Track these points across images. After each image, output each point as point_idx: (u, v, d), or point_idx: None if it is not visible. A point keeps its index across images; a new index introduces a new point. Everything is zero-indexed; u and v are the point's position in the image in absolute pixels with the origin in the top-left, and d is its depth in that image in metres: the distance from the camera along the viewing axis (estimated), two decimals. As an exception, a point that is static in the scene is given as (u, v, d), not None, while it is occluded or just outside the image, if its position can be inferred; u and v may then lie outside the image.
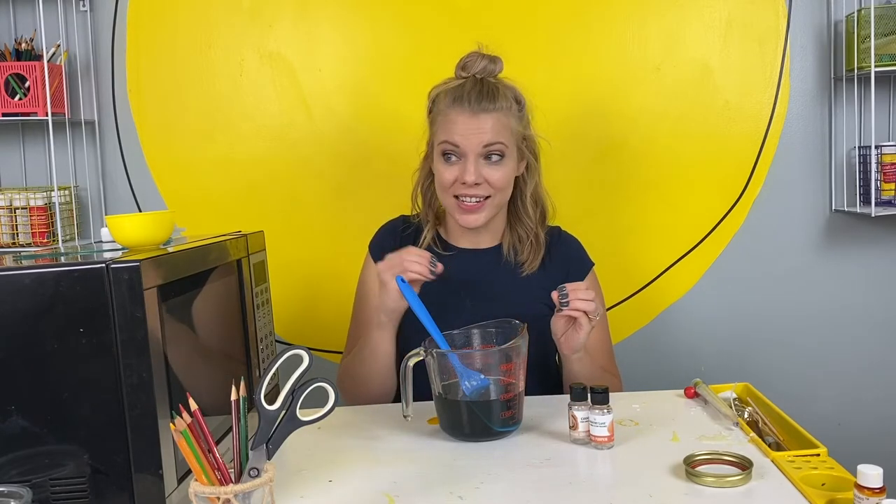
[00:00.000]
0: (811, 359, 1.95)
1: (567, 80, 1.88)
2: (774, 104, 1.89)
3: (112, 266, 0.85)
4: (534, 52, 1.87)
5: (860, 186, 1.85)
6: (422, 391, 1.18)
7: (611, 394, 1.07)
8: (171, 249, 0.99)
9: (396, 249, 1.43)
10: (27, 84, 1.80)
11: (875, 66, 1.73)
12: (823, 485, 0.91)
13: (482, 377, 1.11)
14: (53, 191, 1.84)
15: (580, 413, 1.08)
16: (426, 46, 1.88)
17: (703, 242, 1.93)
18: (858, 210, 1.84)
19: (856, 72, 1.78)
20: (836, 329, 1.94)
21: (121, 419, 0.86)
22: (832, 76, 1.89)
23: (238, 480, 0.81)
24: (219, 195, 1.93)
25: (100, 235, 1.25)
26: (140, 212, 1.93)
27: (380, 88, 1.90)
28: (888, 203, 1.81)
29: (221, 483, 0.80)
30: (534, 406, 1.22)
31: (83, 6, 1.89)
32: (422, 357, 1.14)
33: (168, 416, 0.89)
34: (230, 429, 0.83)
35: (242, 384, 0.82)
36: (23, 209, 1.85)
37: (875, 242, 1.93)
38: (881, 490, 0.81)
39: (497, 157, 1.33)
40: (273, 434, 0.83)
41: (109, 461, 0.86)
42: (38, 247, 1.82)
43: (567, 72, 1.88)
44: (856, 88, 1.85)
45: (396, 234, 1.46)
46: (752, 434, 1.08)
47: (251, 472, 0.81)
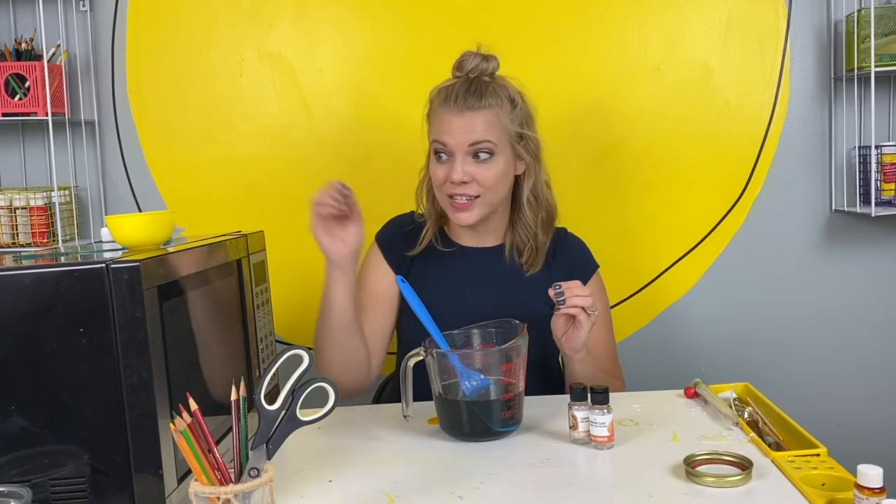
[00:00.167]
0: (811, 359, 1.95)
1: (567, 80, 1.88)
2: (774, 104, 1.89)
3: (112, 266, 0.85)
4: (534, 52, 1.87)
5: (860, 186, 1.85)
6: (422, 391, 1.18)
7: (611, 394, 1.07)
8: (171, 249, 0.99)
9: (401, 244, 1.43)
10: (27, 84, 1.80)
11: (875, 66, 1.73)
12: (823, 485, 0.91)
13: (482, 377, 1.11)
14: (53, 191, 1.84)
15: (580, 413, 1.08)
16: (426, 46, 1.88)
17: (703, 242, 1.93)
18: (858, 210, 1.84)
19: (856, 72, 1.78)
20: (836, 329, 1.94)
21: (121, 419, 0.86)
22: (832, 76, 1.89)
23: (238, 480, 0.81)
24: (219, 195, 1.93)
25: (100, 235, 1.25)
26: (140, 212, 1.93)
27: (380, 88, 1.90)
28: (888, 203, 1.81)
29: (221, 483, 0.80)
30: (534, 406, 1.22)
31: (83, 6, 1.89)
32: (422, 357, 1.15)
33: (168, 416, 0.89)
34: (230, 429, 0.83)
35: (242, 384, 0.82)
36: (23, 209, 1.85)
37: (875, 242, 1.93)
38: (881, 490, 0.81)
39: (486, 156, 1.32)
40: (273, 434, 0.83)
41: (109, 461, 0.86)
42: (38, 247, 1.82)
43: (567, 72, 1.88)
44: (856, 88, 1.85)
45: (402, 230, 1.47)
46: (752, 434, 1.08)
47: (251, 472, 0.81)
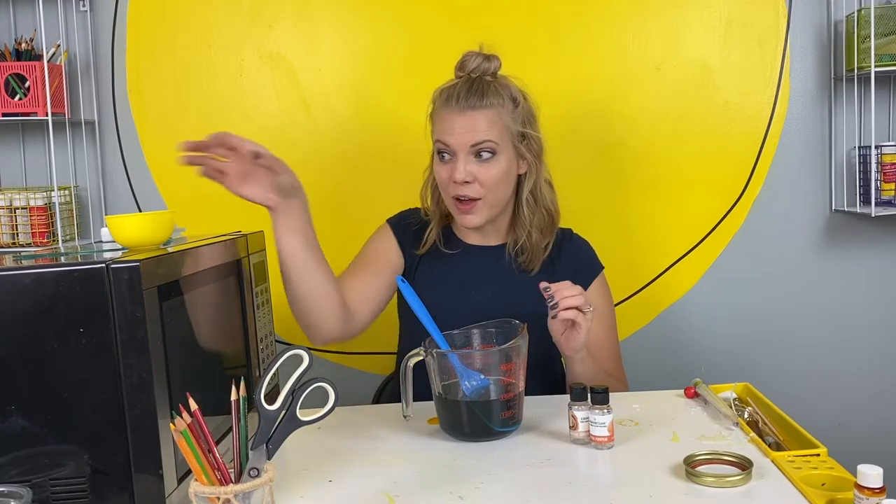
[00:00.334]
0: (811, 359, 1.95)
1: (567, 80, 1.88)
2: (774, 104, 1.89)
3: (112, 266, 0.85)
4: (534, 52, 1.87)
5: (860, 186, 1.85)
6: (422, 391, 1.18)
7: (611, 394, 1.07)
8: (171, 249, 0.99)
9: (411, 237, 1.44)
10: (27, 84, 1.80)
11: (875, 66, 1.73)
12: (823, 485, 0.91)
13: (482, 377, 1.11)
14: (53, 191, 1.84)
15: (580, 413, 1.08)
16: (426, 46, 1.88)
17: (703, 242, 1.93)
18: (858, 210, 1.84)
19: (856, 72, 1.78)
20: (836, 329, 1.94)
21: (121, 419, 0.86)
22: (832, 76, 1.89)
23: (238, 480, 0.81)
24: (219, 195, 1.91)
25: (100, 235, 1.24)
26: (140, 212, 1.93)
27: (380, 88, 1.90)
28: (888, 203, 1.81)
29: (221, 483, 0.80)
30: (534, 406, 1.22)
31: (83, 6, 1.89)
32: (422, 357, 1.15)
33: (168, 416, 0.89)
34: (230, 429, 0.83)
35: (242, 384, 0.82)
36: (23, 209, 1.85)
37: (875, 242, 1.93)
38: (881, 490, 0.81)
39: (488, 155, 1.32)
40: (273, 434, 0.83)
41: (109, 461, 0.86)
42: (38, 247, 1.82)
43: (567, 72, 1.88)
44: (856, 88, 1.85)
45: (411, 228, 1.46)
46: (752, 434, 1.08)
47: (251, 472, 0.81)
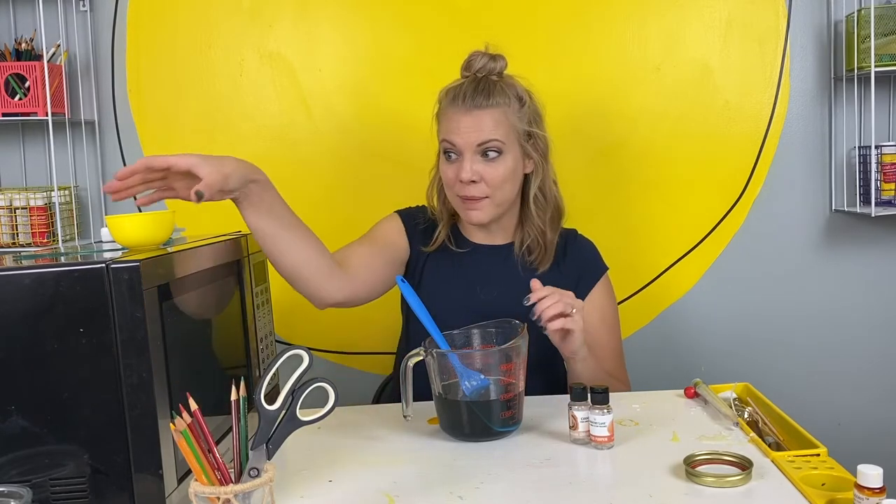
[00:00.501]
0: (811, 359, 1.95)
1: (567, 80, 1.88)
2: (774, 104, 1.89)
3: (112, 266, 0.85)
4: (534, 52, 1.87)
5: (860, 186, 1.85)
6: (422, 391, 1.18)
7: (611, 394, 1.07)
8: (171, 249, 0.99)
9: (420, 233, 1.44)
10: (27, 84, 1.80)
11: (875, 66, 1.73)
12: (823, 485, 0.91)
13: (482, 377, 1.11)
14: (53, 191, 1.84)
15: (580, 413, 1.08)
16: (426, 46, 1.88)
17: (703, 242, 1.93)
18: (858, 210, 1.84)
19: (856, 72, 1.78)
20: (836, 329, 1.94)
21: (121, 419, 0.86)
22: (832, 76, 1.89)
23: (238, 480, 0.81)
24: (219, 195, 1.92)
25: (100, 235, 1.24)
26: (140, 212, 1.92)
27: (380, 88, 1.90)
28: (888, 203, 1.81)
29: (221, 483, 0.80)
30: (534, 406, 1.22)
31: (83, 6, 1.89)
32: (422, 357, 1.15)
33: (168, 416, 0.89)
34: (230, 429, 0.83)
35: (242, 384, 0.82)
36: (23, 209, 1.85)
37: (875, 242, 1.92)
38: (881, 490, 0.81)
39: (494, 154, 1.32)
40: (273, 434, 0.83)
41: (109, 461, 0.86)
42: (38, 247, 1.82)
43: (567, 72, 1.88)
44: (856, 88, 1.85)
45: (419, 222, 1.46)
46: (752, 434, 1.08)
47: (251, 472, 0.81)
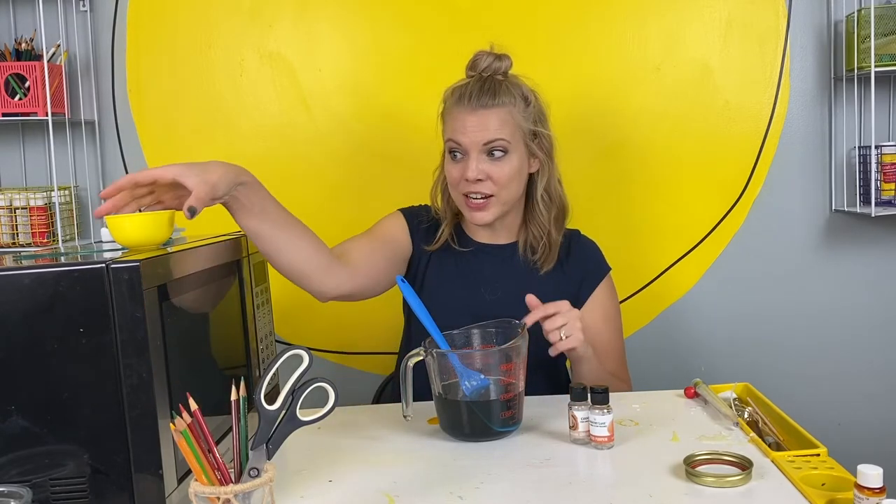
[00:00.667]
0: (811, 359, 1.95)
1: (567, 80, 1.88)
2: (774, 104, 1.89)
3: (112, 266, 0.85)
4: (534, 52, 1.86)
5: (860, 186, 1.85)
6: (422, 391, 1.18)
7: (611, 394, 1.07)
8: (171, 249, 0.99)
9: (423, 232, 1.44)
10: (27, 84, 1.80)
11: (875, 66, 1.73)
12: (823, 485, 0.91)
13: (482, 377, 1.11)
14: (53, 191, 1.84)
15: (580, 413, 1.08)
16: (426, 46, 1.88)
17: (704, 242, 1.93)
18: (858, 210, 1.84)
19: (856, 72, 1.78)
20: (836, 329, 1.94)
21: (121, 419, 0.86)
22: (832, 76, 1.89)
23: (238, 480, 0.81)
24: (219, 195, 1.92)
25: (100, 235, 1.24)
26: (140, 212, 1.92)
27: (380, 88, 1.90)
28: (888, 203, 1.81)
29: (221, 483, 0.80)
30: (534, 406, 1.22)
31: (83, 6, 1.89)
32: (422, 357, 1.15)
33: (168, 416, 0.89)
34: (230, 429, 0.83)
35: (242, 384, 0.82)
36: (23, 209, 1.85)
37: (875, 242, 1.92)
38: (881, 490, 0.81)
39: (500, 153, 1.33)
40: (273, 434, 0.83)
41: (109, 461, 0.86)
42: (38, 247, 1.82)
43: (567, 72, 1.88)
44: (856, 88, 1.85)
45: (422, 221, 1.46)
46: (752, 434, 1.08)
47: (251, 472, 0.81)
